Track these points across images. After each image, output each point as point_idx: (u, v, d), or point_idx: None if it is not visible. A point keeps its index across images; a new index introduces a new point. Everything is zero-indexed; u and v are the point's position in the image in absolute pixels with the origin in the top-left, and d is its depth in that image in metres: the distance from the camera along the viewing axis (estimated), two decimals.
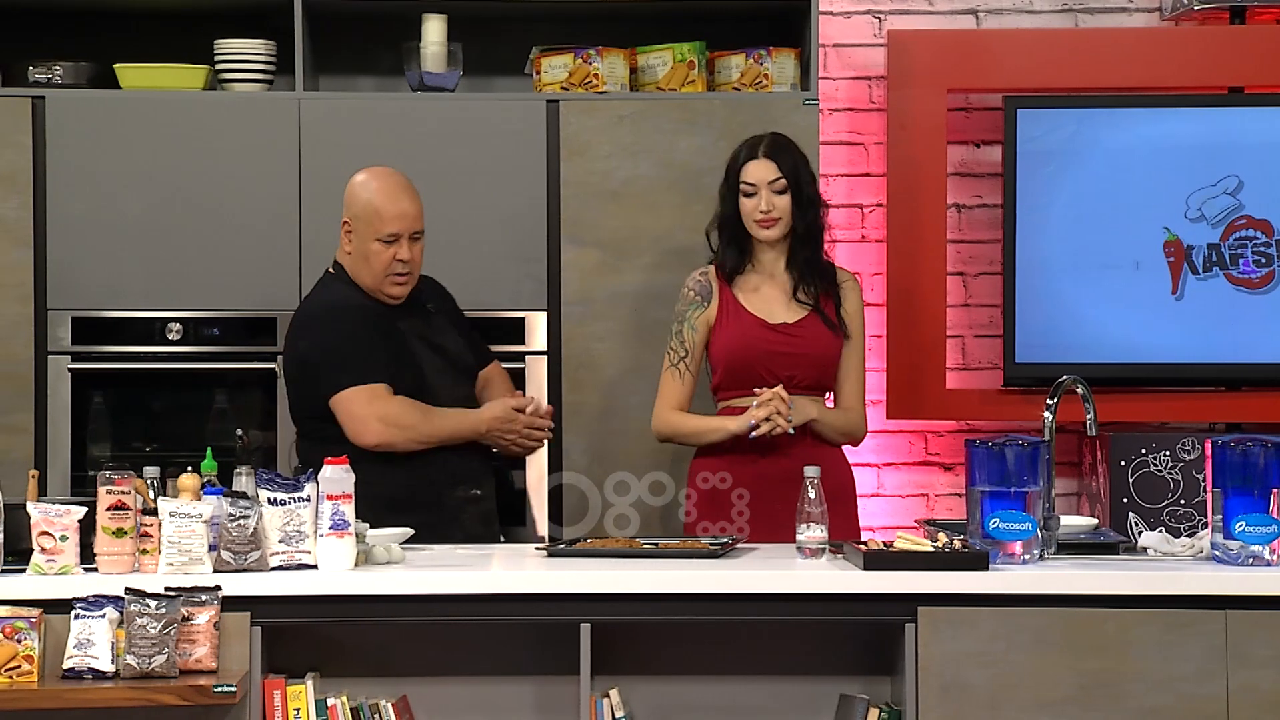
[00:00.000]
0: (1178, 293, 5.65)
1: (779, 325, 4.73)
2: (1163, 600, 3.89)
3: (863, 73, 5.87)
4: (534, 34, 5.52)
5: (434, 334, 4.72)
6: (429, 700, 4.04)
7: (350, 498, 3.95)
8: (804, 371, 4.70)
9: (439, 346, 4.71)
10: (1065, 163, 5.64)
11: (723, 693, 4.08)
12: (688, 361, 4.76)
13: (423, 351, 4.66)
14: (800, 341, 4.72)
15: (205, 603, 3.77)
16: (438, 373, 4.66)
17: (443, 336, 4.73)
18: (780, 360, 4.70)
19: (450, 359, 4.71)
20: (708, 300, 4.76)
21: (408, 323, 4.67)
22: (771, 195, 4.69)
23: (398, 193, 4.60)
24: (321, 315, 4.62)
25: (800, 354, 4.70)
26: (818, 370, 4.72)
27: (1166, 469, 5.52)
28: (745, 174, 4.72)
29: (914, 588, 3.88)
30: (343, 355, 4.55)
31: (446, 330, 4.76)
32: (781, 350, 4.71)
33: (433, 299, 4.78)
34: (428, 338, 4.69)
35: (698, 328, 4.76)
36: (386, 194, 4.59)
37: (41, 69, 5.31)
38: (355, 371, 4.53)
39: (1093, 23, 5.87)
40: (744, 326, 4.73)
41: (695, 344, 4.76)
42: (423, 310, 4.73)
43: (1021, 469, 3.99)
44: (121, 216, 5.25)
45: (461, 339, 4.80)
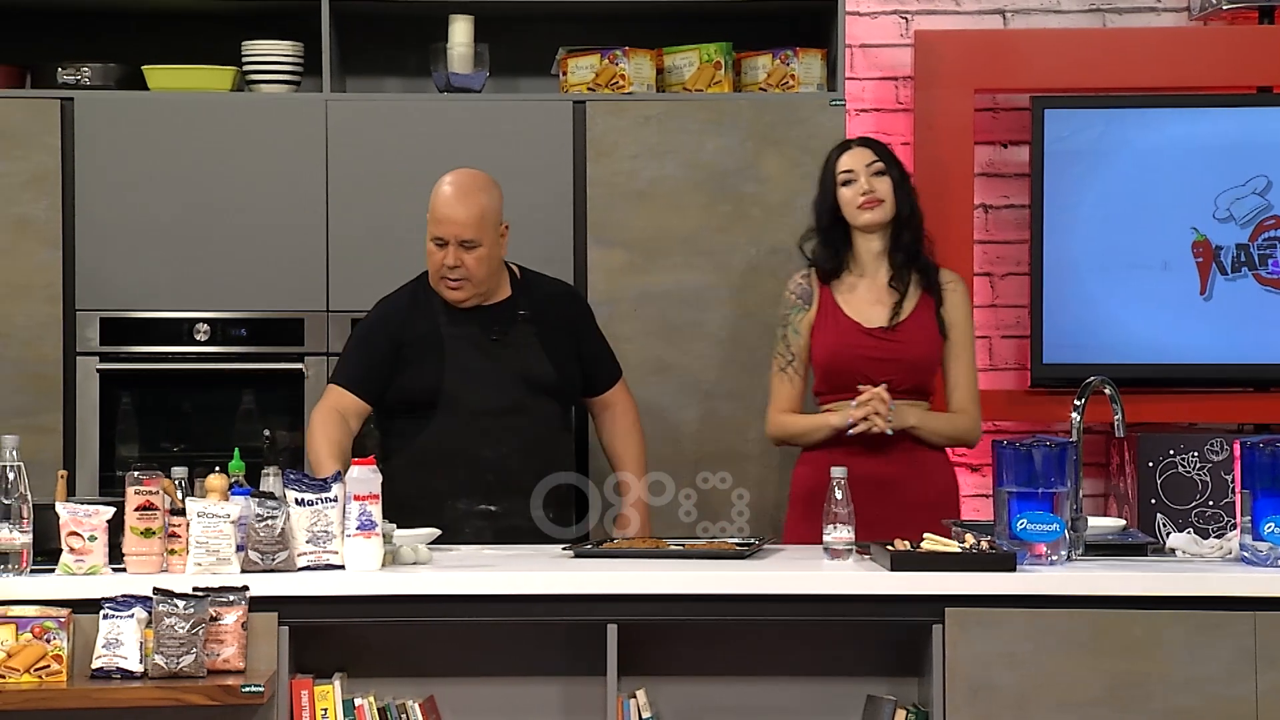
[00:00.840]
0: (1206, 293, 5.64)
1: (875, 330, 4.71)
2: (1191, 602, 3.87)
3: (889, 73, 5.86)
4: (560, 35, 5.52)
5: (503, 342, 4.69)
6: (456, 700, 4.04)
7: (377, 498, 3.95)
8: (901, 376, 4.67)
9: (499, 354, 4.68)
10: (1093, 163, 5.63)
11: (749, 693, 4.07)
12: (795, 365, 4.77)
13: (465, 357, 4.65)
14: (897, 346, 4.69)
15: (233, 603, 3.78)
16: (477, 377, 4.64)
17: (518, 347, 4.70)
18: (877, 366, 4.67)
19: (515, 370, 4.67)
20: (809, 303, 4.78)
21: (465, 329, 4.67)
22: (871, 177, 4.71)
23: (454, 198, 4.63)
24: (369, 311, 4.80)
25: (897, 359, 4.68)
26: (916, 375, 4.69)
27: (1195, 470, 5.51)
28: (841, 164, 4.74)
29: (941, 589, 3.88)
30: (344, 352, 4.77)
31: (528, 341, 4.71)
32: (878, 356, 4.68)
33: (534, 308, 4.74)
34: (485, 345, 4.67)
35: (801, 331, 4.77)
36: (444, 197, 4.64)
37: (70, 70, 5.33)
38: (338, 370, 4.71)
39: (1121, 22, 5.85)
40: (841, 331, 4.72)
41: (801, 347, 4.77)
42: (503, 318, 4.71)
43: (1049, 470, 3.98)
44: (150, 217, 5.27)
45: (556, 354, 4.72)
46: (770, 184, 5.28)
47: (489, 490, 4.64)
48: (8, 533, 3.83)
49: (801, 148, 5.25)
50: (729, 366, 5.24)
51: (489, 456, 4.64)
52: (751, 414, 5.22)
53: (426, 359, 4.65)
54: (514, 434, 4.66)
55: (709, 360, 5.27)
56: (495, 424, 4.65)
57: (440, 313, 4.68)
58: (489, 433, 4.65)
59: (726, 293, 5.28)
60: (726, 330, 5.27)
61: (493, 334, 4.69)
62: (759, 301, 5.24)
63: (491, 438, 4.65)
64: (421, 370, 4.64)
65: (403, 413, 4.69)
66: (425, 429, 4.64)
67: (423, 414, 4.65)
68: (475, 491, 4.63)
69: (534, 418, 4.70)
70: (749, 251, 5.29)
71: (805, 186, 5.14)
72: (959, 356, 4.75)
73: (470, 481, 4.62)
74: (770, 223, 5.27)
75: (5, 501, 3.82)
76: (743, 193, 5.30)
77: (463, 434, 4.64)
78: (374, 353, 4.68)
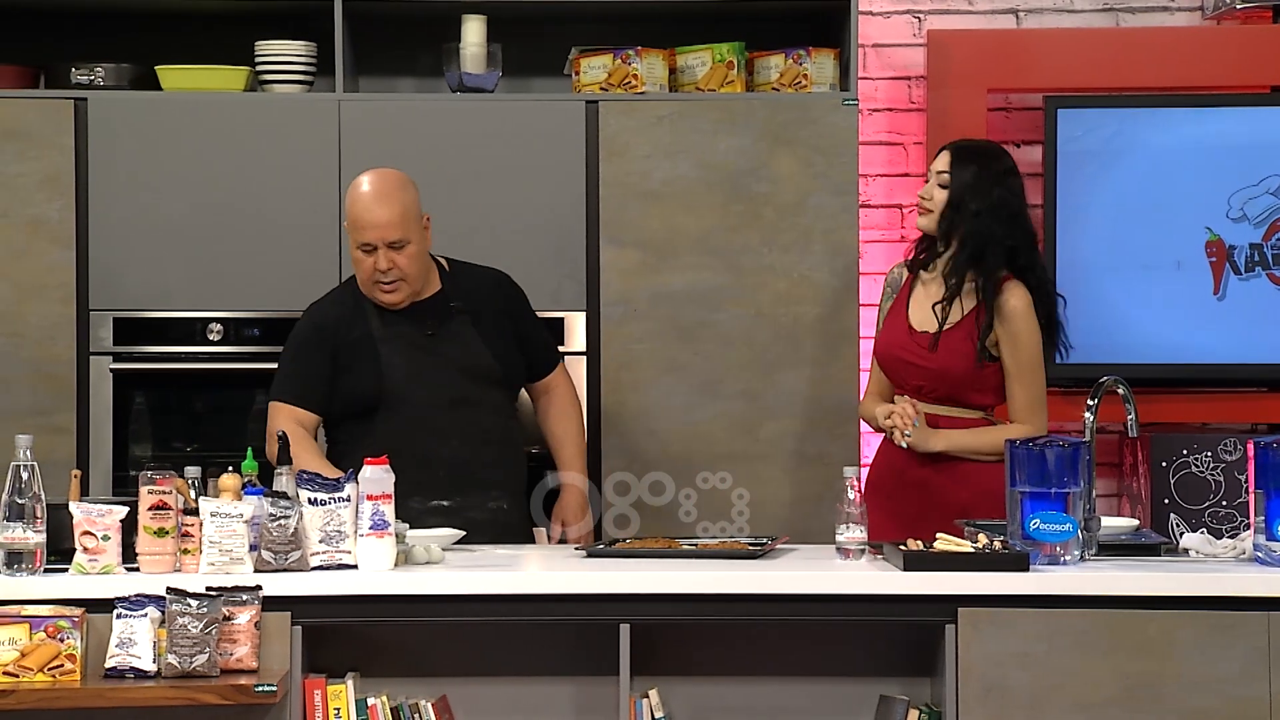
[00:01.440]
0: (1219, 293, 5.63)
1: (918, 332, 4.69)
2: (1205, 602, 3.87)
3: (902, 73, 5.86)
4: (573, 35, 5.52)
5: (439, 337, 4.66)
6: (468, 700, 4.04)
7: (390, 498, 3.96)
8: (930, 383, 4.65)
9: (436, 349, 4.66)
10: (1106, 163, 5.62)
11: (762, 693, 4.07)
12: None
13: (401, 356, 4.62)
14: (930, 354, 4.64)
15: (246, 602, 3.78)
16: (416, 375, 4.61)
17: (455, 340, 4.67)
18: (907, 369, 4.68)
19: (455, 363, 4.65)
20: (895, 292, 4.79)
21: (397, 329, 4.63)
22: (934, 185, 4.68)
23: (374, 201, 4.57)
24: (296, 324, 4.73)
25: (925, 366, 4.65)
26: (946, 385, 4.63)
27: (1208, 470, 5.50)
28: (934, 162, 4.72)
29: (954, 589, 3.87)
30: (281, 368, 4.69)
31: (464, 333, 4.68)
32: (910, 359, 4.67)
33: (467, 299, 4.72)
34: (420, 342, 4.64)
35: (883, 318, 4.81)
36: (363, 202, 4.58)
37: (83, 71, 5.34)
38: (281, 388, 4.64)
39: (1134, 22, 5.85)
40: (894, 327, 4.73)
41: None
42: (437, 311, 4.68)
43: (1062, 470, 3.97)
44: (163, 218, 5.27)
45: (495, 343, 4.70)
46: (783, 184, 5.27)
47: (442, 486, 4.60)
48: (22, 532, 3.83)
49: (814, 148, 5.25)
50: (741, 366, 5.24)
51: (439, 453, 4.61)
52: (764, 414, 5.23)
53: (362, 363, 4.61)
54: (461, 427, 4.64)
55: (721, 360, 5.27)
56: (441, 419, 4.62)
57: (371, 315, 4.64)
58: (435, 429, 4.61)
59: (739, 292, 5.28)
60: (739, 330, 5.27)
61: (427, 329, 4.65)
62: (771, 301, 5.24)
63: (439, 434, 4.61)
64: (359, 375, 4.60)
65: (347, 418, 4.64)
66: (371, 432, 4.58)
67: (366, 417, 4.61)
68: (429, 488, 4.56)
69: (479, 409, 4.67)
70: (761, 251, 5.28)
71: (818, 186, 5.14)
72: (1015, 374, 4.61)
73: (423, 479, 4.53)
74: (783, 223, 5.26)
75: (19, 501, 3.83)
76: (755, 193, 5.30)
77: (409, 433, 4.58)
78: (311, 364, 4.62)
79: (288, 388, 4.64)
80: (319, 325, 4.67)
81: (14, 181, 5.25)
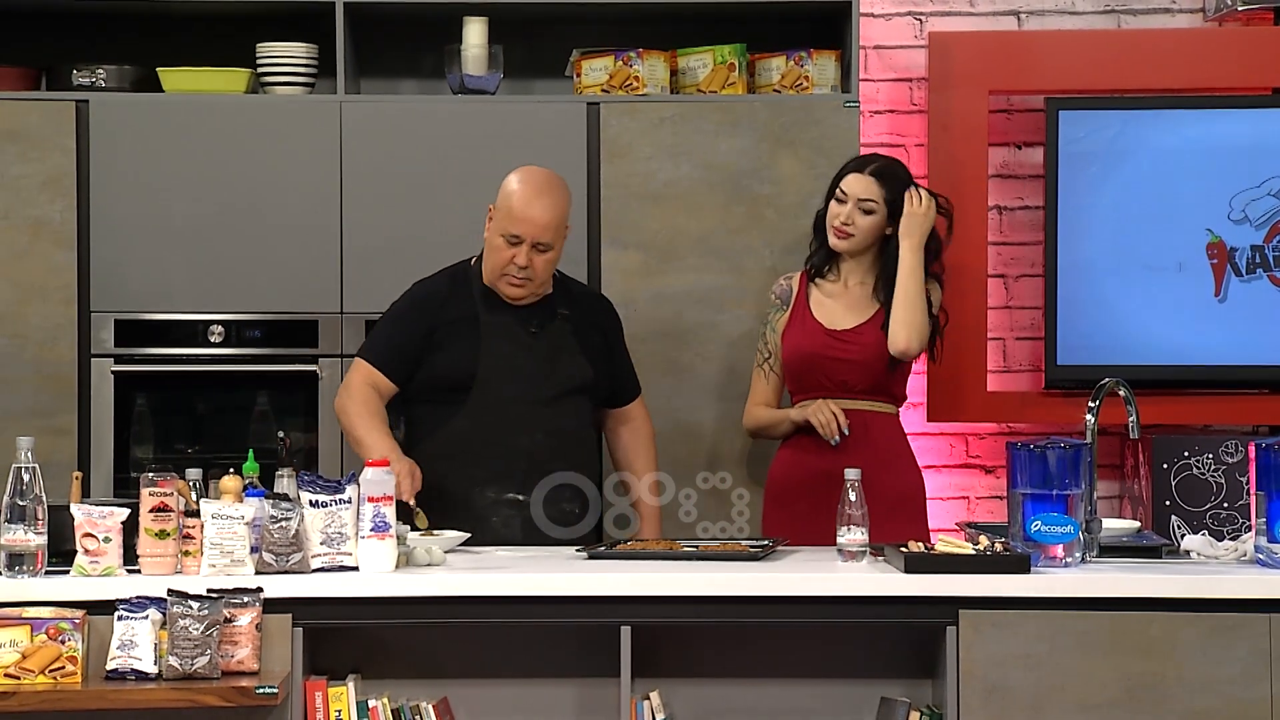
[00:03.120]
0: (1221, 295, 5.63)
1: (836, 331, 4.85)
2: (1207, 604, 3.87)
3: (904, 74, 5.86)
4: (574, 36, 5.52)
5: (541, 335, 4.68)
6: (470, 702, 4.04)
7: (391, 500, 3.96)
8: (857, 377, 4.81)
9: (535, 346, 4.68)
10: (1108, 164, 5.62)
11: (763, 695, 4.07)
12: (771, 362, 4.94)
13: (502, 344, 4.64)
14: (854, 348, 4.82)
15: (247, 604, 3.78)
16: (512, 366, 4.64)
17: (553, 345, 4.69)
18: (834, 365, 4.82)
19: (552, 363, 4.68)
20: (786, 304, 4.93)
21: (503, 318, 4.66)
22: (855, 211, 4.81)
23: (535, 198, 4.61)
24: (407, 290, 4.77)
25: (853, 360, 4.81)
26: (872, 376, 4.82)
27: (1209, 472, 5.50)
28: (845, 183, 4.85)
29: (955, 591, 3.87)
30: (376, 331, 4.76)
31: (564, 341, 4.71)
32: (835, 355, 4.83)
33: (574, 308, 4.75)
34: (521, 337, 4.67)
35: (778, 330, 4.93)
36: (525, 197, 4.61)
37: (85, 72, 5.34)
38: (369, 348, 4.69)
39: (1135, 24, 5.84)
40: (806, 331, 4.87)
41: (776, 346, 4.93)
42: (543, 313, 4.70)
43: (1063, 471, 3.98)
44: (164, 219, 5.28)
45: (591, 354, 4.74)
46: (785, 185, 5.28)
47: (519, 479, 4.63)
48: (23, 534, 3.84)
49: (816, 149, 5.25)
50: (743, 368, 5.24)
51: (522, 446, 4.64)
52: None
53: (463, 343, 4.64)
54: (546, 426, 4.66)
55: (723, 361, 5.27)
56: (529, 414, 4.65)
57: (479, 299, 4.67)
58: (523, 422, 4.64)
59: (741, 294, 5.28)
60: (740, 331, 5.27)
61: (531, 326, 4.69)
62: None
63: (525, 427, 4.64)
64: (457, 354, 4.63)
65: (433, 398, 4.66)
66: (457, 415, 4.63)
67: (457, 399, 4.63)
68: (506, 480, 4.62)
69: (565, 413, 4.70)
70: (763, 253, 5.29)
71: (819, 188, 5.13)
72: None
73: (502, 470, 4.61)
74: (785, 224, 5.27)
75: (20, 503, 3.83)
76: (757, 194, 5.30)
77: (497, 422, 4.63)
78: (408, 334, 4.67)
79: (377, 350, 4.69)
80: (422, 299, 4.72)
81: (16, 183, 5.25)
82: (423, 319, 4.67)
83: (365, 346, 4.73)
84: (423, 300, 4.71)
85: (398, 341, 4.67)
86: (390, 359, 4.65)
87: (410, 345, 4.66)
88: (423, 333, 4.65)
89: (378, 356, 4.67)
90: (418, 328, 4.66)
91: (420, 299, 4.72)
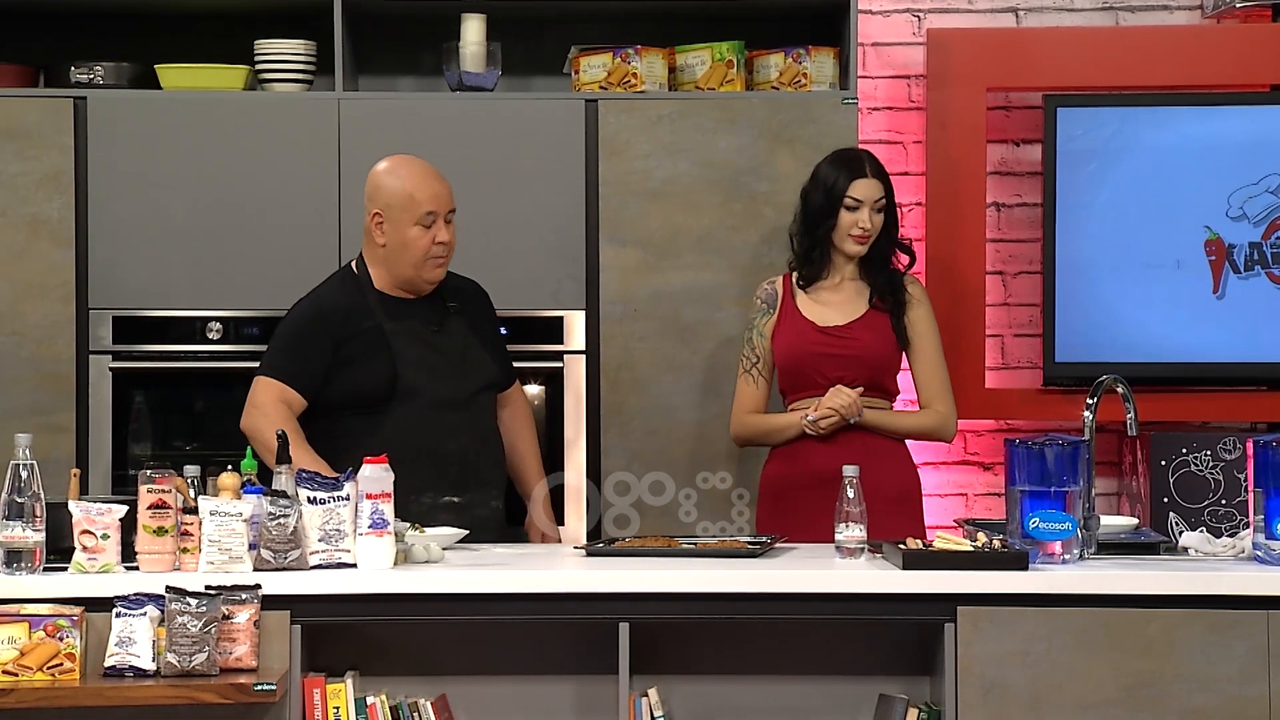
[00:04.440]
0: (1219, 292, 5.63)
1: (829, 328, 4.84)
2: (1205, 601, 3.87)
3: (902, 71, 5.86)
4: (573, 34, 5.52)
5: (443, 334, 4.67)
6: (468, 699, 4.04)
7: (389, 497, 3.96)
8: (854, 373, 4.80)
9: (442, 346, 4.66)
10: (1106, 162, 5.62)
11: (761, 692, 4.07)
12: (759, 367, 4.90)
13: (413, 350, 4.62)
14: (849, 343, 4.82)
15: (245, 601, 3.78)
16: (428, 370, 4.61)
17: (457, 339, 4.69)
18: (829, 362, 4.81)
19: (460, 361, 4.67)
20: (773, 308, 4.91)
21: (406, 323, 4.63)
22: (872, 214, 4.83)
23: (428, 175, 4.63)
24: (296, 307, 4.70)
25: (849, 355, 4.81)
26: (869, 371, 4.81)
27: (1207, 469, 5.50)
28: (854, 190, 4.83)
29: (953, 588, 3.87)
30: (276, 348, 4.64)
31: (463, 333, 4.70)
32: (830, 352, 4.81)
33: (459, 300, 4.74)
34: (428, 338, 4.65)
35: (765, 334, 4.90)
36: (417, 178, 4.61)
37: (83, 69, 5.34)
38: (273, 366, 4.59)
39: (1134, 21, 5.84)
40: (798, 330, 4.85)
41: (765, 350, 4.90)
42: (438, 309, 4.69)
43: (1061, 468, 3.98)
44: (162, 216, 5.27)
45: (487, 346, 4.75)
46: (783, 182, 5.27)
47: (454, 482, 4.62)
48: (21, 531, 3.83)
49: (814, 146, 5.24)
50: None
51: (451, 448, 4.62)
52: None
53: (374, 355, 4.60)
54: (469, 425, 4.66)
55: (721, 359, 5.27)
56: (453, 416, 4.63)
57: (378, 307, 4.64)
58: (447, 425, 4.62)
59: (739, 291, 5.27)
60: (739, 329, 5.26)
61: (432, 325, 4.67)
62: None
63: (451, 429, 4.62)
64: (372, 366, 4.59)
65: (354, 411, 4.60)
66: (382, 425, 4.57)
67: (378, 410, 4.59)
68: (441, 484, 4.59)
69: (484, 411, 4.72)
70: (762, 250, 5.28)
71: None
72: (921, 354, 4.88)
73: (436, 474, 4.57)
74: (783, 221, 5.25)
75: (18, 500, 3.83)
76: (755, 191, 5.30)
77: (422, 428, 4.59)
78: (313, 349, 4.59)
79: (282, 366, 4.59)
80: (323, 312, 4.64)
81: (14, 180, 5.25)
82: (327, 333, 4.60)
83: (268, 365, 4.60)
84: (323, 315, 4.63)
85: (304, 357, 4.59)
86: (299, 375, 4.57)
87: (317, 360, 4.58)
88: (329, 347, 4.59)
89: (286, 373, 4.57)
90: (323, 342, 4.59)
91: (320, 314, 4.63)
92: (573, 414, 5.29)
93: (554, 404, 5.30)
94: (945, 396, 4.88)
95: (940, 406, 4.87)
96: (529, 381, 5.26)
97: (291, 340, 4.64)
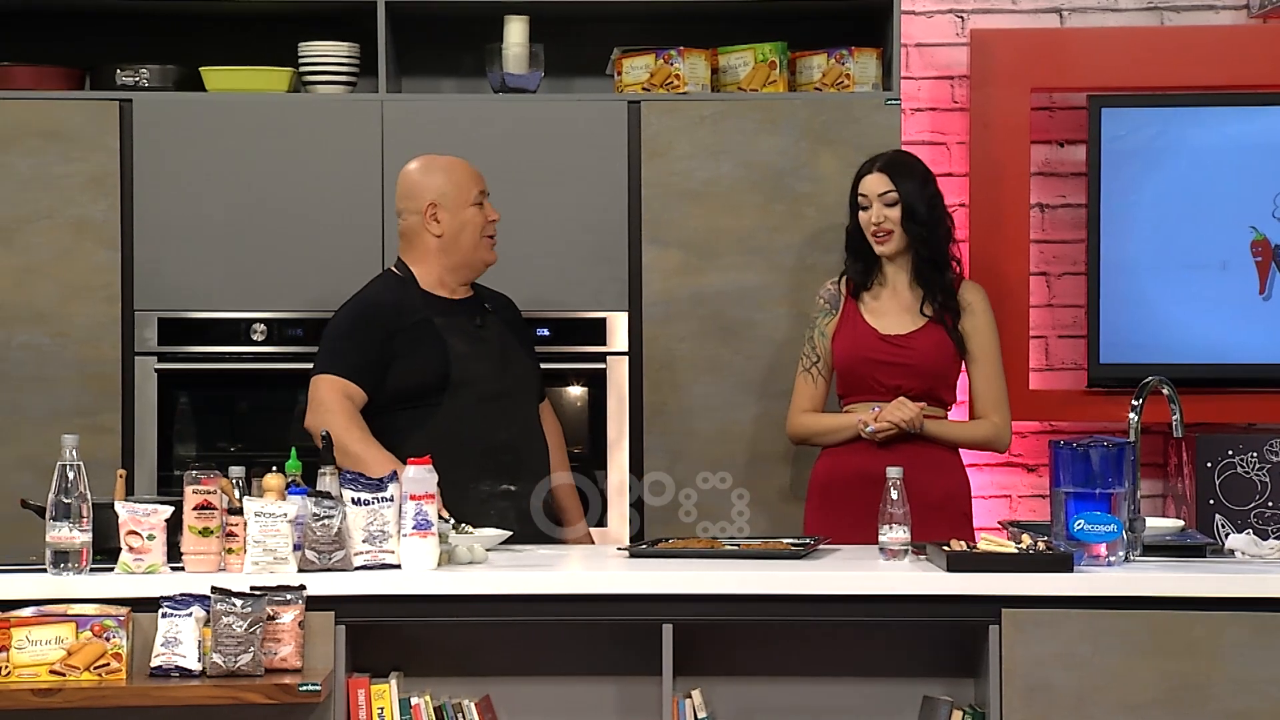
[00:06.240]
0: (1265, 292, 5.60)
1: (891, 336, 4.83)
2: (1251, 603, 3.85)
3: (945, 72, 5.84)
4: (615, 35, 5.52)
5: (487, 334, 4.72)
6: (512, 700, 4.05)
7: (434, 498, 3.96)
8: (912, 382, 4.79)
9: (487, 339, 4.71)
10: (1150, 162, 5.60)
11: (805, 694, 4.07)
12: (819, 366, 4.91)
13: (461, 343, 4.66)
14: (909, 353, 4.81)
15: (290, 602, 3.79)
16: (476, 362, 4.66)
17: (499, 342, 4.74)
18: (888, 370, 4.80)
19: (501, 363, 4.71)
20: (835, 308, 4.91)
21: (451, 318, 4.68)
22: (882, 208, 4.81)
23: (462, 162, 4.76)
24: (344, 307, 4.73)
25: (908, 365, 4.80)
26: (927, 381, 4.81)
27: (1253, 470, 5.47)
28: (861, 186, 4.85)
29: (998, 589, 3.86)
30: (332, 345, 4.65)
31: (506, 338, 4.77)
32: (890, 360, 4.80)
33: (494, 304, 4.82)
34: (471, 333, 4.69)
35: (826, 334, 4.90)
36: (457, 166, 4.74)
37: (128, 72, 5.37)
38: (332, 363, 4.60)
39: (1178, 20, 5.82)
40: (858, 335, 4.84)
41: (825, 350, 4.90)
42: (478, 311, 4.76)
43: (1106, 470, 3.96)
44: (207, 218, 5.30)
45: (525, 352, 4.84)
46: (825, 184, 5.27)
47: (508, 471, 4.66)
48: (68, 531, 3.85)
49: (857, 147, 5.23)
50: (783, 366, 5.23)
51: (504, 438, 4.66)
52: None
53: (426, 347, 4.63)
54: (519, 415, 4.72)
55: (763, 360, 5.27)
56: (504, 406, 4.68)
57: (420, 304, 4.68)
58: (501, 415, 4.67)
59: (781, 292, 5.27)
60: (781, 330, 5.26)
61: (475, 321, 4.72)
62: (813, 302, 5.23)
63: (504, 419, 4.67)
64: (424, 358, 4.62)
65: (406, 404, 4.62)
66: (435, 416, 4.61)
67: (431, 402, 4.62)
68: (496, 473, 4.63)
69: (526, 400, 4.78)
70: (803, 251, 5.28)
71: None
72: (979, 365, 4.87)
73: (490, 464, 4.62)
74: (825, 222, 5.25)
75: (65, 500, 3.85)
76: (798, 192, 5.29)
77: (476, 418, 4.63)
78: (369, 344, 4.61)
79: (340, 361, 4.60)
80: (374, 309, 4.67)
81: (60, 182, 5.28)
82: (380, 327, 4.63)
83: (325, 362, 4.61)
84: (374, 310, 4.66)
85: (362, 352, 4.61)
86: (359, 368, 4.59)
87: (374, 352, 4.61)
88: (383, 340, 4.62)
89: (347, 369, 4.59)
90: (377, 335, 4.62)
91: (370, 309, 4.67)
92: (615, 415, 5.29)
93: (596, 405, 5.31)
94: (1001, 408, 4.87)
95: (996, 418, 4.86)
96: (571, 383, 5.28)
97: (345, 336, 4.67)
